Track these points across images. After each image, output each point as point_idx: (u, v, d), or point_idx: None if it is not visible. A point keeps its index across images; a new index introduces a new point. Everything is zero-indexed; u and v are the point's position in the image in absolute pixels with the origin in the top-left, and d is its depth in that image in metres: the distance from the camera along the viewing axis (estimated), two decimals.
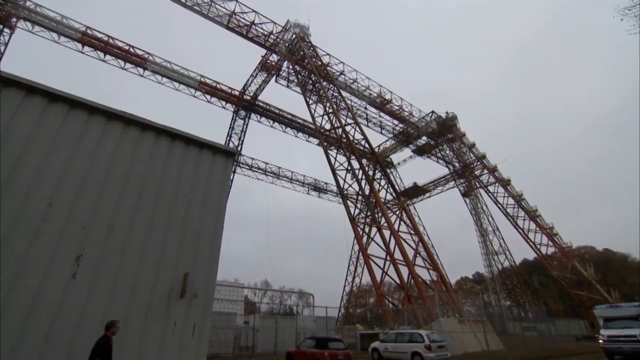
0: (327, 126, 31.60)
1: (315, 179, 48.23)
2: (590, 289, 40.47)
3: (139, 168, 7.49)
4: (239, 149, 40.83)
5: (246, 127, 41.55)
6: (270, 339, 20.13)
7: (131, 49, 33.11)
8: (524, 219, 44.10)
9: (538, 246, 43.61)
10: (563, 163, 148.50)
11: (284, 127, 41.84)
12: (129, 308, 6.47)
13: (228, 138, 41.30)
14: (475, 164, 46.53)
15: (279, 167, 45.15)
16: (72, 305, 5.87)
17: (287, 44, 35.96)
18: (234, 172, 40.95)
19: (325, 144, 30.64)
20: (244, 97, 39.53)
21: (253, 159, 43.45)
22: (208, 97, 37.34)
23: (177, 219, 7.71)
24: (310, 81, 34.30)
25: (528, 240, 43.90)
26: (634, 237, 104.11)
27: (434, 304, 22.00)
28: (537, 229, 43.42)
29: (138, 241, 6.96)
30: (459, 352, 17.65)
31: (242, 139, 41.64)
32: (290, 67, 36.40)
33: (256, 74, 38.57)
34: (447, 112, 46.08)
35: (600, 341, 17.11)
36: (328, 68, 36.50)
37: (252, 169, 43.29)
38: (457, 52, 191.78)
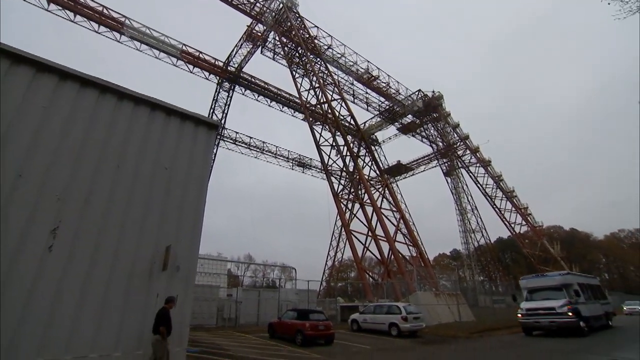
0: (313, 101, 31.11)
1: (300, 155, 47.96)
2: (556, 265, 42.93)
3: (117, 139, 7.19)
4: (222, 122, 39.82)
5: (230, 99, 40.39)
6: (253, 311, 20.58)
7: (105, 11, 30.93)
8: (502, 199, 45.72)
9: (512, 225, 45.56)
10: (537, 149, 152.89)
11: (269, 101, 40.88)
12: (110, 281, 6.40)
13: (211, 110, 40.12)
14: (458, 144, 47.22)
15: (264, 142, 44.53)
16: (49, 279, 5.75)
17: (273, 14, 34.49)
18: (217, 146, 40.11)
19: (311, 119, 30.26)
20: (228, 68, 38.12)
21: (237, 132, 42.59)
22: (190, 67, 35.78)
23: (158, 191, 7.54)
24: (297, 54, 33.30)
25: (504, 219, 45.69)
26: (597, 219, 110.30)
27: (412, 279, 22.91)
28: (513, 208, 45.15)
29: (117, 214, 6.80)
30: (433, 322, 18.60)
31: (225, 111, 40.55)
32: (277, 38, 35.11)
33: (241, 45, 37.06)
34: (433, 92, 46.08)
35: (519, 315, 15.64)
36: (316, 41, 35.41)
37: (236, 142, 42.48)
38: (444, 40, 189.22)
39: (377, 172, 31.11)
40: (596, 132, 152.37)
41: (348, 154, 27.99)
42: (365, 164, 31.34)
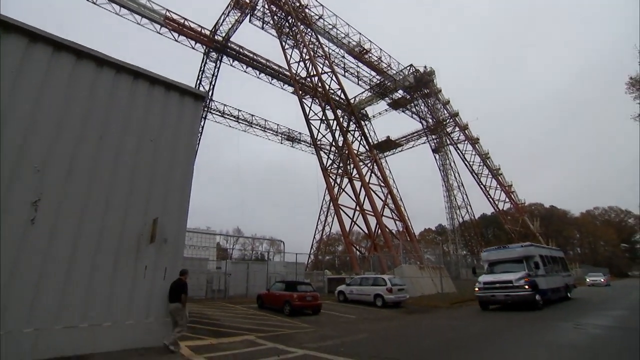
0: (303, 74, 30.34)
1: (289, 129, 47.29)
2: (534, 240, 44.77)
3: (98, 108, 6.90)
4: (210, 93, 38.63)
5: (218, 70, 38.91)
6: (242, 283, 20.96)
7: None
8: (487, 177, 46.63)
9: (496, 202, 46.83)
10: (525, 128, 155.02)
11: (257, 73, 39.62)
12: (97, 253, 6.37)
13: (198, 82, 38.75)
14: (447, 120, 47.33)
15: (252, 115, 43.59)
16: (34, 251, 5.67)
17: None
18: (205, 118, 39.11)
19: (300, 92, 29.64)
20: (215, 37, 36.50)
21: (225, 105, 41.45)
22: (175, 35, 34.02)
23: (144, 163, 7.38)
24: (287, 24, 32.05)
25: (488, 196, 46.86)
26: (575, 197, 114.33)
27: (398, 252, 23.57)
28: (498, 186, 46.25)
29: (102, 186, 6.66)
30: (416, 294, 19.37)
31: (213, 83, 39.21)
32: (266, 6, 33.58)
33: (228, 12, 35.28)
34: (425, 67, 45.45)
35: (476, 289, 14.95)
36: (306, 10, 34.04)
37: (224, 115, 41.44)
38: (438, 17, 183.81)
39: (367, 147, 31.09)
40: (583, 111, 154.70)
41: (338, 128, 27.76)
42: (354, 139, 31.24)
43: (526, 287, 13.41)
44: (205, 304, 15.60)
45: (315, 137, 27.99)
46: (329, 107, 28.07)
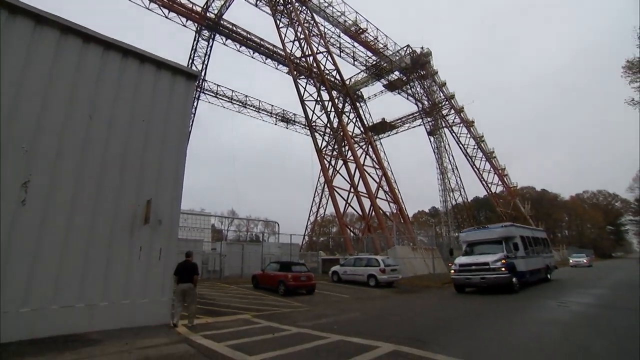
0: (298, 53, 29.65)
1: (284, 110, 46.68)
2: (525, 223, 45.59)
3: (86, 86, 6.69)
4: (202, 73, 37.69)
5: (210, 49, 37.78)
6: (237, 263, 21.17)
7: None
8: (481, 160, 46.87)
9: (489, 185, 47.30)
10: (518, 112, 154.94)
11: (251, 52, 38.60)
12: (91, 234, 6.35)
13: (190, 61, 37.67)
14: (443, 103, 47.03)
15: (246, 95, 42.79)
16: (26, 232, 5.63)
17: None
18: (198, 99, 38.33)
19: (295, 72, 29.06)
20: (207, 14, 35.30)
21: (218, 85, 40.57)
22: (165, 11, 32.84)
23: (136, 144, 7.26)
24: (282, 1, 31.10)
25: (482, 179, 47.27)
26: (567, 181, 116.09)
27: (392, 234, 23.87)
28: (492, 169, 46.61)
29: (93, 167, 6.56)
30: (409, 274, 19.77)
31: (206, 62, 38.16)
32: None
33: None
34: (422, 48, 44.71)
35: (452, 271, 14.39)
36: None
37: (217, 96, 40.61)
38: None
39: (362, 129, 30.91)
40: (579, 92, 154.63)
41: (333, 109, 27.45)
42: (349, 121, 30.99)
43: (503, 269, 12.76)
44: (201, 284, 15.73)
45: (310, 118, 27.68)
46: (324, 88, 27.66)
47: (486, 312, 9.26)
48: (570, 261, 35.99)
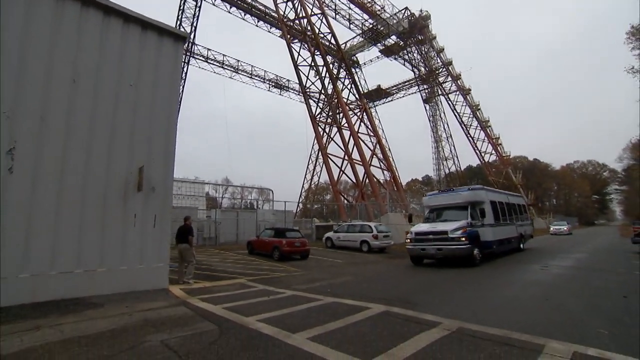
0: (291, 15, 28.30)
1: (277, 75, 45.32)
2: (515, 192, 46.50)
3: (66, 48, 6.35)
4: (192, 36, 35.92)
5: (199, 10, 35.67)
6: (232, 230, 21.50)
7: None
8: (476, 129, 46.88)
9: (483, 154, 47.69)
10: (515, 81, 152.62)
11: (242, 14, 36.65)
12: (84, 202, 6.32)
13: (178, 23, 35.74)
14: (440, 69, 46.05)
15: (238, 60, 41.28)
16: (16, 200, 5.57)
17: None
18: (187, 63, 36.84)
19: (289, 35, 27.89)
20: None
21: (209, 49, 38.83)
22: None
23: (124, 109, 7.04)
24: None
25: (475, 148, 47.57)
26: (558, 151, 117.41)
27: (385, 201, 24.23)
28: (486, 138, 46.73)
29: (81, 133, 6.39)
30: (401, 241, 20.31)
31: (194, 24, 36.25)
32: None
33: None
34: (420, 11, 43.00)
35: (407, 240, 12.55)
36: None
37: (208, 60, 39.02)
38: None
39: (356, 95, 30.32)
40: (575, 63, 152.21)
41: (327, 75, 26.74)
42: (344, 87, 30.31)
43: (463, 239, 11.05)
44: (197, 251, 16.05)
45: (304, 84, 27.00)
46: (318, 53, 26.74)
47: (469, 278, 9.64)
48: (551, 229, 35.70)
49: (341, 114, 26.48)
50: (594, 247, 18.94)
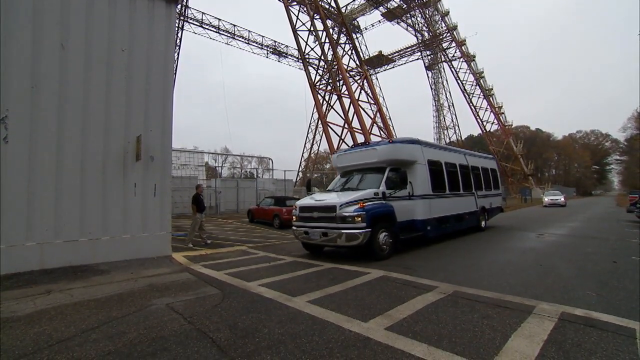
0: None
1: (275, 41, 43.74)
2: (515, 162, 46.49)
3: (51, 10, 6.07)
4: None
5: None
6: (232, 199, 21.74)
7: None
8: (479, 97, 45.91)
9: (484, 123, 47.06)
10: (522, 47, 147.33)
11: None
12: (83, 172, 6.33)
13: None
14: (444, 35, 44.41)
15: (234, 25, 39.65)
16: (15, 169, 5.58)
17: None
18: (182, 28, 35.45)
19: None
20: None
21: (204, 13, 37.15)
22: None
23: (118, 76, 6.87)
24: None
25: (477, 117, 46.82)
26: (560, 120, 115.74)
27: None
28: (488, 107, 45.89)
29: (75, 101, 6.27)
30: None
31: None
32: None
33: None
34: None
35: (293, 217, 8.11)
36: None
37: (203, 25, 37.52)
38: None
39: (357, 62, 29.43)
40: (581, 30, 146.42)
41: (327, 40, 25.78)
42: (344, 53, 29.30)
43: (357, 219, 6.82)
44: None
45: (303, 50, 26.10)
46: (317, 17, 25.61)
47: (467, 243, 9.84)
48: (545, 199, 29.92)
49: (341, 81, 25.84)
50: (587, 216, 19.23)
